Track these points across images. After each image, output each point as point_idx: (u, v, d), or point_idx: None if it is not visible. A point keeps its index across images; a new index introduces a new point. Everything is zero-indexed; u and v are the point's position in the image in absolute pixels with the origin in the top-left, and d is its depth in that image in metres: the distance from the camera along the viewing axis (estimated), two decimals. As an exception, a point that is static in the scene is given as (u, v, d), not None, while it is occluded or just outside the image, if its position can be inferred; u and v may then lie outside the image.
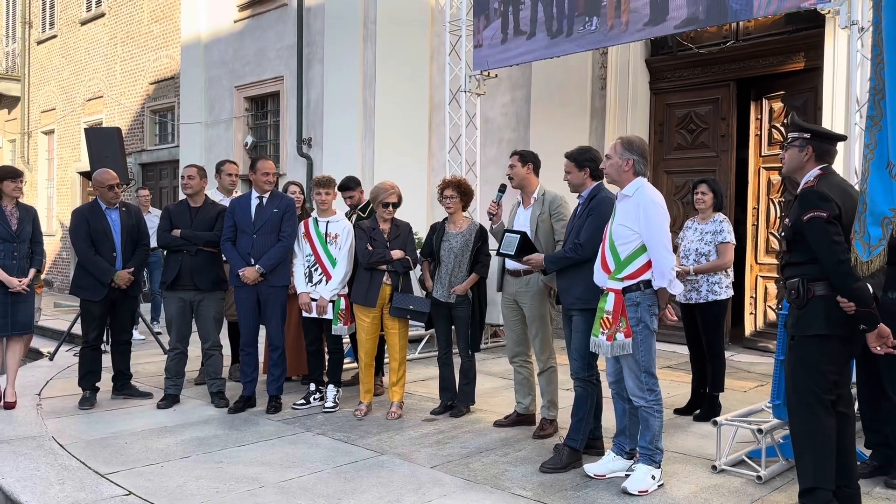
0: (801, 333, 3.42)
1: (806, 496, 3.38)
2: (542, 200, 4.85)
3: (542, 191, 4.92)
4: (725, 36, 8.48)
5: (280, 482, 3.99)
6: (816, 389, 3.37)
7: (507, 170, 4.94)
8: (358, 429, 5.04)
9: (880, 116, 2.88)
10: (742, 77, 8.47)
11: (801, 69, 8.02)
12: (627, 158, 4.02)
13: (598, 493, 3.87)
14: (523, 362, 5.12)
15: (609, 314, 3.90)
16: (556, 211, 4.85)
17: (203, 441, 4.74)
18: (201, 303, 5.62)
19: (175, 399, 5.69)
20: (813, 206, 3.30)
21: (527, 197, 4.97)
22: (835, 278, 3.26)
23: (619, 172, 4.03)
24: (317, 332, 5.66)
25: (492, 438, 4.83)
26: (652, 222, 3.84)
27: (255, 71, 12.03)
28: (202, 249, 5.59)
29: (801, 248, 3.41)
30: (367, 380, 5.47)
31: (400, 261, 5.27)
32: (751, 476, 4.07)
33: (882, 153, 2.86)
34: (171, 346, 5.66)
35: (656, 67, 9.06)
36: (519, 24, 7.87)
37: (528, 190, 4.95)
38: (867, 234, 2.90)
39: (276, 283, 5.47)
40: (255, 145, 12.19)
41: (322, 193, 5.56)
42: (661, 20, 6.77)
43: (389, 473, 4.15)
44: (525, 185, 4.97)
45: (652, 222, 3.84)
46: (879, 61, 2.89)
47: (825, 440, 3.36)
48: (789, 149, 3.57)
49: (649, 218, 3.85)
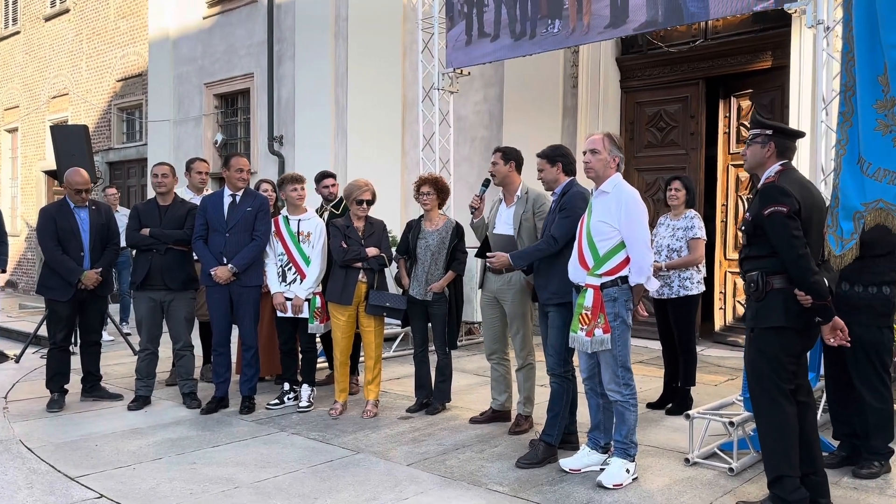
0: (760, 325, 3.48)
1: (774, 485, 3.44)
2: (526, 199, 4.85)
3: (526, 189, 4.92)
4: (694, 35, 8.58)
5: (255, 482, 3.96)
6: (777, 379, 3.43)
7: (490, 167, 4.93)
8: (333, 428, 5.02)
9: (851, 113, 2.94)
10: (711, 76, 8.58)
11: (768, 68, 8.14)
12: (615, 155, 4.05)
13: (573, 487, 3.90)
14: (500, 359, 5.13)
15: (588, 310, 3.92)
16: (540, 210, 4.83)
17: (176, 442, 4.69)
18: (172, 303, 5.55)
19: (146, 400, 5.61)
20: (774, 200, 3.36)
21: (509, 195, 4.96)
22: (794, 272, 3.32)
23: (606, 168, 4.04)
24: (291, 332, 5.62)
25: (468, 435, 4.84)
26: (633, 219, 3.87)
27: (225, 68, 11.90)
28: (172, 248, 5.51)
29: (761, 242, 3.47)
30: (342, 378, 5.45)
31: (375, 258, 5.26)
32: (723, 468, 4.13)
33: (853, 149, 2.93)
34: (142, 346, 5.58)
35: (627, 66, 9.14)
36: (483, 26, 7.91)
37: (511, 188, 4.94)
38: (839, 228, 2.96)
39: (249, 282, 5.42)
40: (224, 143, 12.07)
41: (298, 189, 5.52)
42: (622, 22, 6.86)
43: (366, 472, 4.14)
44: (507, 182, 4.95)
45: (633, 219, 3.87)
46: (850, 59, 2.95)
47: (788, 428, 3.42)
48: (751, 145, 3.62)
49: (630, 215, 3.88)
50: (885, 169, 2.81)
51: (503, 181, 4.94)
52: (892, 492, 3.82)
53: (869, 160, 2.86)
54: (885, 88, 2.81)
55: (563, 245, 4.23)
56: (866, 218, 2.89)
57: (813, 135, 6.58)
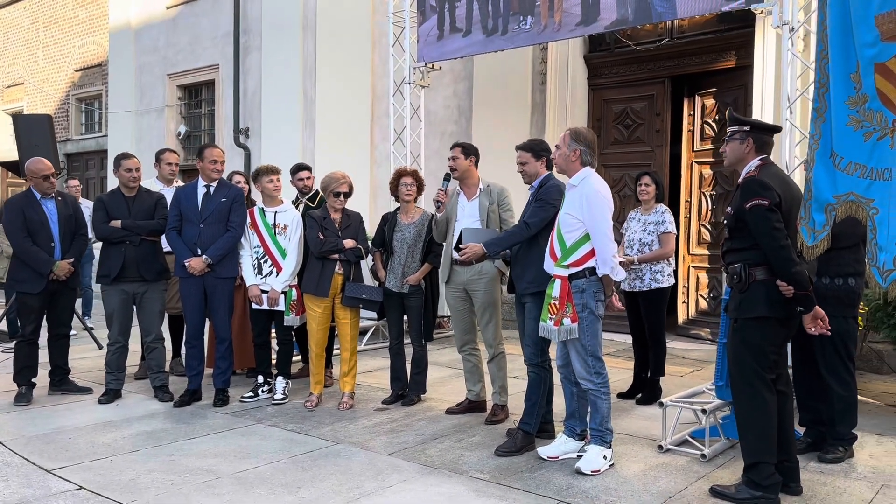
0: (743, 316, 3.59)
1: (751, 471, 3.56)
2: (489, 192, 4.92)
3: (486, 183, 5.00)
4: (660, 34, 8.75)
5: (236, 473, 3.95)
6: (759, 369, 3.55)
7: (449, 161, 4.99)
8: (310, 420, 5.02)
9: (824, 109, 3.06)
10: (676, 74, 8.76)
11: (732, 67, 8.35)
12: (575, 149, 4.12)
13: (552, 473, 3.97)
14: (472, 350, 5.19)
15: (556, 300, 4.00)
16: (505, 202, 4.94)
17: (151, 435, 4.64)
18: (145, 295, 5.48)
19: (117, 394, 5.53)
20: (755, 194, 3.47)
21: (469, 189, 5.03)
22: (776, 263, 3.44)
23: (567, 162, 4.14)
24: (265, 324, 5.60)
25: (445, 425, 4.89)
26: (595, 211, 3.95)
27: (189, 59, 11.73)
28: (145, 239, 5.45)
29: (743, 234, 3.58)
30: (317, 371, 5.44)
31: (352, 250, 5.27)
32: (695, 454, 4.25)
33: (826, 144, 3.04)
34: (113, 339, 5.50)
35: (594, 64, 9.27)
36: (455, 21, 7.95)
37: (471, 182, 5.01)
38: (812, 219, 3.08)
39: (224, 274, 5.38)
40: (188, 135, 11.90)
41: (274, 180, 5.50)
42: (593, 20, 6.98)
43: (347, 462, 4.16)
44: (467, 176, 5.04)
45: (595, 211, 3.95)
46: (824, 57, 3.07)
47: (768, 417, 3.54)
48: (730, 142, 3.73)
49: (592, 207, 3.96)
50: (856, 163, 2.93)
51: (463, 175, 5.01)
52: (856, 475, 3.98)
53: (841, 154, 2.98)
54: (857, 86, 2.93)
55: (535, 231, 4.30)
56: (838, 210, 3.01)
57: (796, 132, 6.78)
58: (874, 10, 2.85)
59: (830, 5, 3.01)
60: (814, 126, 3.10)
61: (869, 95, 2.88)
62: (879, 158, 2.85)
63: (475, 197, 4.99)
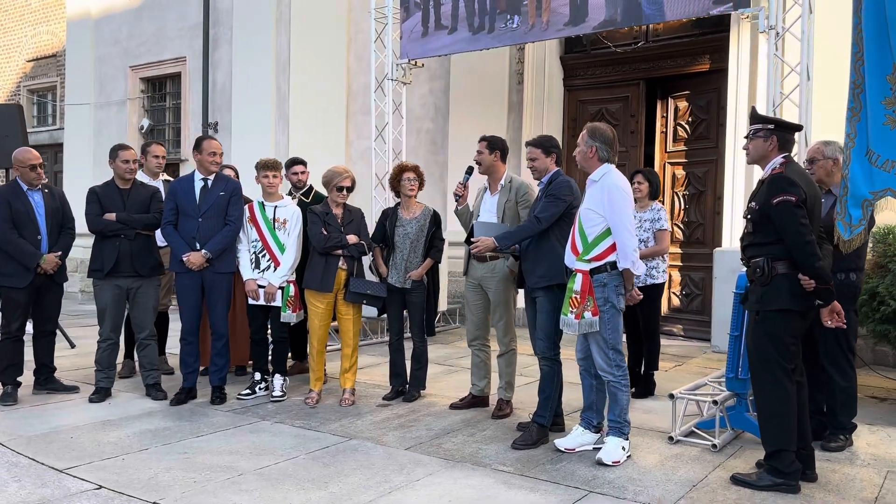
0: (766, 308, 3.70)
1: (772, 458, 3.67)
2: (510, 187, 4.94)
3: (510, 177, 5.01)
4: (636, 37, 8.93)
5: (258, 469, 3.88)
6: (781, 360, 3.67)
7: (476, 155, 4.98)
8: (315, 416, 4.96)
9: (860, 109, 3.19)
10: (651, 77, 8.96)
11: (706, 70, 8.58)
12: (591, 146, 4.19)
13: (573, 465, 4.02)
14: (481, 346, 5.20)
15: (577, 294, 4.05)
16: (524, 198, 4.94)
17: (157, 433, 4.51)
18: (139, 290, 5.33)
19: (107, 392, 5.36)
20: (782, 190, 3.59)
21: (494, 183, 5.03)
22: (801, 257, 3.56)
23: (585, 159, 4.20)
24: (263, 320, 5.51)
25: (453, 420, 4.90)
26: (616, 206, 4.02)
27: (154, 51, 11.43)
28: (140, 233, 5.30)
29: (766, 229, 3.70)
30: (317, 367, 5.38)
31: (355, 245, 5.22)
32: (705, 445, 4.36)
33: (862, 142, 3.17)
34: (105, 336, 5.31)
35: (570, 65, 9.41)
36: (440, 18, 7.97)
37: (496, 176, 5.01)
38: (848, 214, 3.20)
39: (222, 269, 5.27)
40: (151, 128, 11.59)
41: (270, 176, 5.41)
42: (581, 21, 7.08)
43: (366, 457, 4.13)
44: (492, 171, 5.02)
45: (616, 206, 4.02)
46: (858, 59, 3.20)
47: (789, 406, 3.67)
48: (754, 139, 3.85)
49: (613, 202, 4.03)
50: (893, 160, 3.06)
51: (488, 170, 5.01)
52: (860, 462, 4.15)
53: (878, 152, 3.11)
54: (893, 87, 3.07)
55: (546, 226, 4.35)
56: (874, 205, 3.15)
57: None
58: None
59: (866, 10, 3.14)
60: (849, 125, 3.23)
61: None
62: (915, 157, 3.00)
63: (497, 192, 4.99)
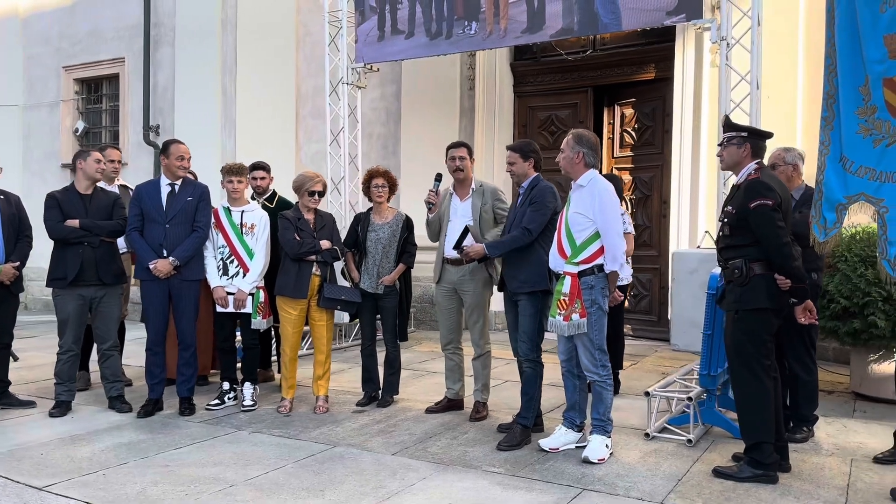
0: (745, 307, 3.88)
1: (753, 451, 3.85)
2: (482, 192, 5.00)
3: (479, 182, 5.08)
4: (584, 45, 9.15)
5: (248, 480, 3.80)
6: (759, 356, 3.85)
7: (457, 161, 5.00)
8: (292, 425, 4.89)
9: (833, 118, 3.39)
10: (599, 84, 9.20)
11: (651, 79, 8.87)
12: (578, 151, 4.30)
13: (561, 464, 4.10)
14: (455, 349, 5.23)
15: (566, 296, 4.14)
16: (498, 202, 5.03)
17: (131, 447, 4.36)
18: (103, 299, 5.14)
19: (68, 406, 5.15)
20: (760, 195, 3.77)
21: (463, 188, 5.08)
22: (778, 258, 3.75)
23: (572, 164, 4.31)
24: (231, 328, 5.40)
25: (432, 424, 4.91)
26: (607, 211, 4.15)
27: (89, 51, 11.01)
28: (104, 241, 5.12)
29: (743, 232, 3.88)
30: (290, 375, 5.30)
31: (329, 251, 5.18)
32: (680, 440, 4.51)
33: (836, 149, 3.37)
34: (66, 348, 5.10)
35: (520, 72, 9.56)
36: (397, 22, 7.99)
37: (467, 182, 5.07)
38: (823, 218, 3.39)
39: (190, 276, 5.14)
40: (87, 131, 11.16)
41: (234, 182, 5.32)
42: (539, 28, 7.24)
43: (355, 463, 4.10)
44: (465, 177, 5.08)
45: (607, 211, 4.15)
46: (832, 71, 3.39)
47: (768, 400, 3.85)
48: (728, 147, 4.02)
49: (604, 207, 4.15)
50: (866, 167, 3.27)
51: (466, 175, 5.05)
52: (825, 452, 4.38)
53: (852, 159, 3.31)
54: (866, 98, 3.27)
55: (535, 237, 4.45)
56: (849, 209, 3.34)
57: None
58: (882, 31, 3.20)
59: (838, 25, 3.35)
60: (823, 133, 3.43)
61: (878, 107, 3.23)
62: (889, 163, 3.20)
63: (468, 197, 5.04)
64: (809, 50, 7.39)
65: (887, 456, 4.16)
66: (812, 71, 7.36)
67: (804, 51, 7.40)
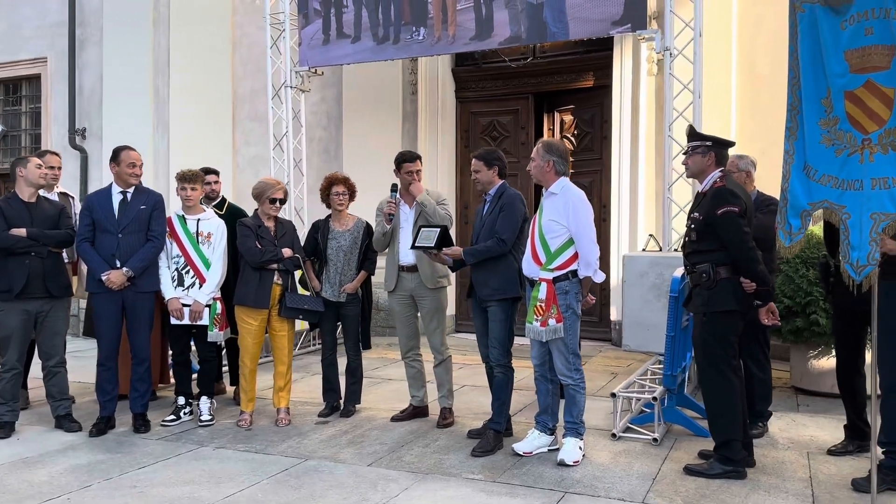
0: (713, 310, 4.02)
1: (723, 448, 4.00)
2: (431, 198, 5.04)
3: (426, 190, 5.11)
4: (524, 53, 9.28)
5: (225, 498, 3.69)
6: (727, 357, 4.01)
7: (414, 175, 4.99)
8: (255, 439, 4.77)
9: (797, 128, 3.55)
10: (539, 91, 9.35)
11: (590, 87, 9.08)
12: (548, 160, 4.36)
13: (538, 468, 4.15)
14: (415, 356, 5.22)
15: (542, 302, 4.20)
16: (442, 205, 5.05)
17: (91, 468, 4.16)
18: (49, 313, 4.89)
19: (12, 427, 4.86)
20: (727, 202, 3.93)
21: (411, 196, 5.08)
22: (745, 263, 3.91)
23: (542, 173, 4.38)
24: (187, 341, 5.23)
25: (400, 432, 4.88)
26: (581, 218, 4.23)
27: (7, 50, 10.40)
28: (51, 251, 4.87)
29: (710, 238, 4.03)
30: (250, 388, 5.16)
31: (290, 259, 5.08)
32: (645, 439, 4.64)
33: (800, 158, 3.53)
34: (10, 365, 4.81)
35: (462, 77, 9.61)
36: (342, 26, 7.91)
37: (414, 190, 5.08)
38: (788, 224, 3.55)
39: (145, 287, 4.94)
40: (4, 134, 10.57)
41: (188, 189, 5.15)
42: (487, 36, 7.31)
43: (332, 476, 4.04)
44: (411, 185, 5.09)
45: (581, 218, 4.23)
46: (795, 83, 3.56)
47: (736, 398, 4.01)
48: (693, 155, 4.17)
49: (578, 214, 4.23)
50: (829, 175, 3.44)
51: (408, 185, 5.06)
52: (782, 446, 4.59)
53: (815, 168, 3.48)
54: (828, 109, 3.45)
55: (510, 247, 4.50)
56: (813, 215, 3.52)
57: (659, 148, 7.54)
58: (843, 47, 3.38)
59: (801, 40, 3.52)
60: (787, 143, 3.59)
61: (840, 118, 3.41)
62: (850, 171, 3.38)
63: (415, 204, 5.04)
64: (742, 61, 7.75)
65: (840, 448, 4.40)
66: (745, 81, 7.72)
67: (737, 62, 7.74)
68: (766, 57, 7.53)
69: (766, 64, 7.55)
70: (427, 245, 4.61)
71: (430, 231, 4.64)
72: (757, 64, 7.63)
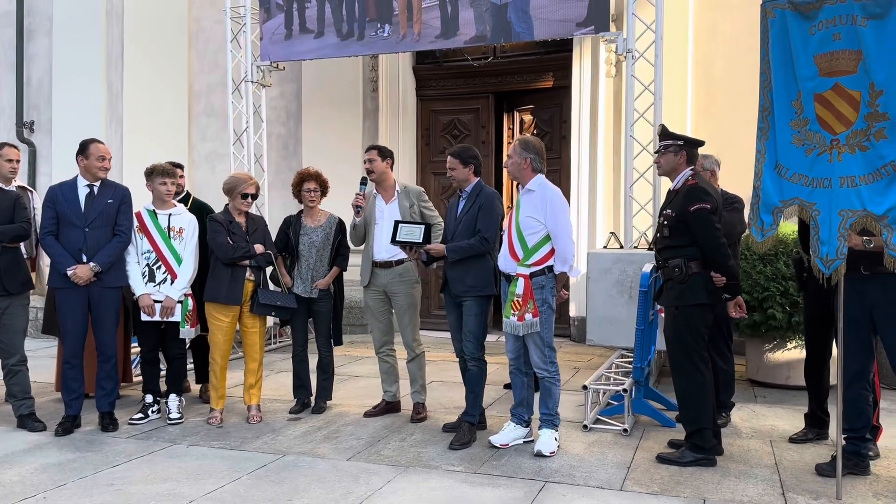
0: (685, 303, 4.16)
1: (694, 436, 4.14)
2: (407, 193, 5.06)
3: (402, 185, 5.13)
4: (484, 52, 9.37)
5: (207, 494, 3.65)
6: (698, 348, 4.16)
7: (366, 164, 5.03)
8: (229, 436, 4.72)
9: (768, 129, 3.71)
10: (499, 91, 9.46)
11: (549, 87, 9.22)
12: (525, 157, 4.44)
13: (516, 459, 4.22)
14: (389, 351, 5.24)
15: (519, 297, 4.28)
16: (425, 202, 5.10)
17: (63, 467, 4.05)
18: (8, 310, 4.74)
19: (-28, 428, 4.71)
20: (699, 199, 4.07)
21: (386, 191, 5.11)
22: (716, 258, 4.06)
23: (519, 170, 4.45)
24: (157, 338, 5.13)
25: (375, 427, 4.90)
26: (558, 215, 4.31)
27: (-51, 39, 10.02)
28: (7, 247, 4.72)
29: (682, 234, 4.16)
30: (220, 385, 5.09)
31: (262, 255, 5.04)
32: (615, 430, 4.77)
33: (771, 158, 3.69)
34: (-31, 364, 4.67)
35: (422, 75, 9.65)
36: (305, 21, 7.86)
37: (388, 184, 5.11)
38: (760, 220, 3.71)
39: (111, 283, 4.83)
40: (-55, 127, 10.16)
41: (168, 183, 5.07)
42: (453, 34, 7.37)
43: (312, 471, 4.03)
44: (384, 179, 5.12)
45: (558, 215, 4.31)
46: (766, 86, 3.71)
47: (707, 389, 4.15)
48: (665, 154, 4.30)
49: (556, 211, 4.31)
50: (800, 174, 3.61)
51: (381, 178, 5.09)
52: (746, 435, 4.77)
53: (786, 167, 3.64)
54: (798, 111, 3.61)
55: (493, 243, 4.57)
56: (784, 212, 3.68)
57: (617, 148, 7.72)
58: (812, 51, 3.55)
59: (772, 44, 3.67)
60: (759, 143, 3.75)
61: (809, 119, 3.57)
62: (819, 170, 3.55)
63: (393, 199, 5.07)
64: (698, 64, 7.99)
65: (800, 436, 4.60)
66: (700, 83, 7.96)
67: (693, 65, 7.98)
68: (721, 61, 7.80)
69: (720, 67, 7.82)
70: (413, 241, 4.64)
71: (413, 227, 4.67)
72: (712, 67, 7.88)
